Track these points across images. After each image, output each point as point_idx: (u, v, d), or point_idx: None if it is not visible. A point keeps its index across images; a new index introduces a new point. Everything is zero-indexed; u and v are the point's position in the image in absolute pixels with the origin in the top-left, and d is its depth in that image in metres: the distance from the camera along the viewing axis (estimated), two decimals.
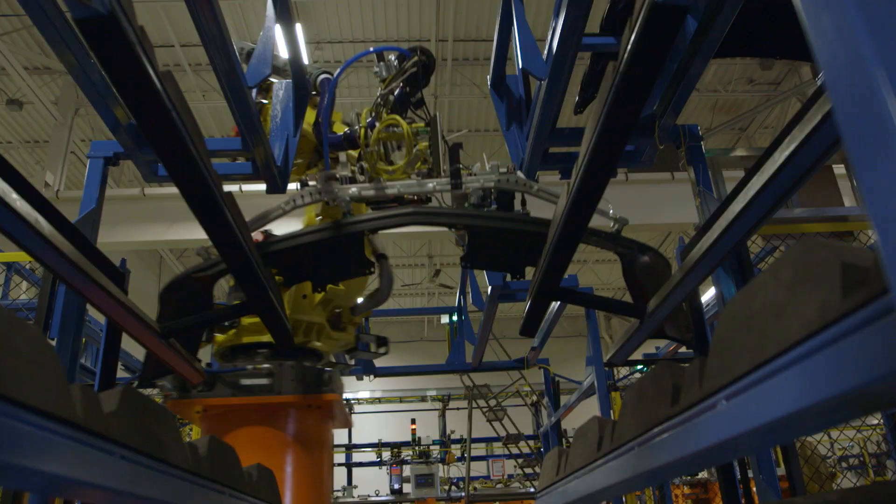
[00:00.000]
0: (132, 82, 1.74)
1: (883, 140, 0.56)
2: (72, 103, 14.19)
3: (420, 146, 3.82)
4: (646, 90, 1.88)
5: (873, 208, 0.57)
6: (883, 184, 0.56)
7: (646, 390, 1.46)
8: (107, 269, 2.80)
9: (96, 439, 1.19)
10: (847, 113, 0.60)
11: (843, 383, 0.73)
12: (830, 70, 0.62)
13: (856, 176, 0.60)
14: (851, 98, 0.59)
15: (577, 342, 21.41)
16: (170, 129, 1.85)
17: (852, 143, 0.60)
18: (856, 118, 0.59)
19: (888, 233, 0.55)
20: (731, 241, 2.31)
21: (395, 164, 3.79)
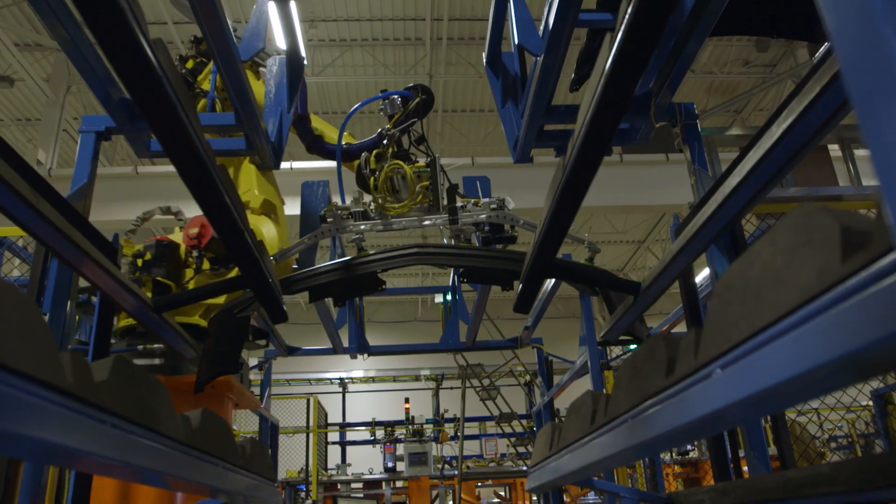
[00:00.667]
0: (123, 48, 1.72)
1: (888, 89, 0.55)
2: (63, 80, 14.07)
3: (423, 183, 4.26)
4: (642, 64, 1.86)
5: (878, 158, 0.56)
6: (887, 134, 0.55)
7: (640, 363, 1.46)
8: (99, 244, 2.78)
9: (87, 407, 1.18)
10: (852, 62, 0.59)
11: (841, 347, 0.72)
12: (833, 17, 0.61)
13: (860, 127, 0.59)
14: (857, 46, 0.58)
15: (570, 323, 21.47)
16: (162, 97, 1.83)
17: (857, 93, 0.59)
18: (861, 67, 0.58)
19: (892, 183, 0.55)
20: (727, 216, 2.31)
21: (400, 203, 4.23)
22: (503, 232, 4.26)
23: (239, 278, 3.02)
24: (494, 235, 4.26)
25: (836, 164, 5.56)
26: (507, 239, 4.37)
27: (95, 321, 3.02)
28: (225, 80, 3.25)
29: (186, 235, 4.43)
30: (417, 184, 4.23)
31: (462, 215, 4.14)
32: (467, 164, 13.64)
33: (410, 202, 4.24)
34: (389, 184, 4.30)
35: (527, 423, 12.31)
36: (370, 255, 3.95)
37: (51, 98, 13.90)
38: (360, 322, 7.78)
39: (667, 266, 2.83)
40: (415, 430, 12.37)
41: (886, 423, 7.45)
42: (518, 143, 3.89)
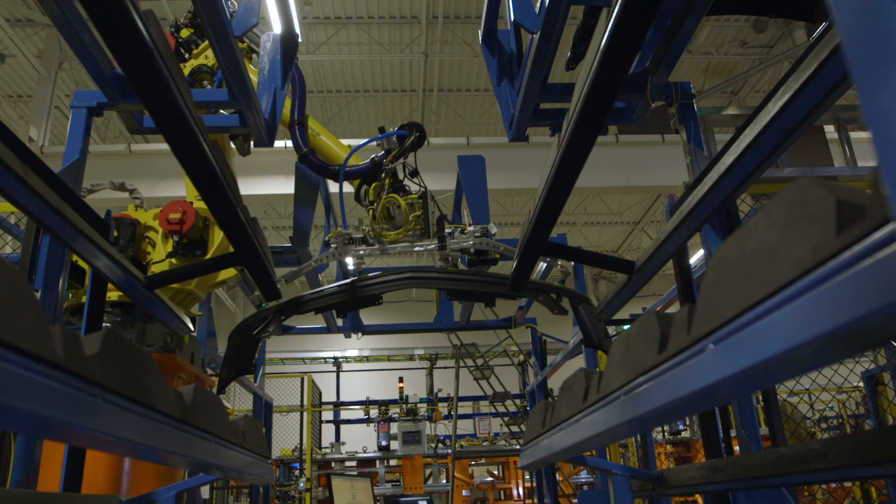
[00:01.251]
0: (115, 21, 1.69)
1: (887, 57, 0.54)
2: (55, 57, 13.94)
3: (416, 213, 4.70)
4: (638, 41, 1.84)
5: (876, 130, 0.56)
6: (886, 104, 0.54)
7: (633, 340, 1.46)
8: (91, 220, 2.76)
9: (78, 381, 1.17)
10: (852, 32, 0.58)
11: (835, 320, 0.72)
12: None
13: (859, 97, 0.58)
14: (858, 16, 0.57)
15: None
16: (154, 72, 1.81)
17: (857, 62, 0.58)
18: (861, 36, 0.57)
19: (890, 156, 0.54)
20: (722, 195, 2.30)
21: (395, 231, 4.71)
22: (487, 255, 4.71)
23: (231, 255, 3.01)
24: (479, 258, 4.74)
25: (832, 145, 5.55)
26: (491, 261, 4.80)
27: (88, 297, 3.01)
28: (218, 55, 3.22)
29: (165, 220, 4.42)
30: (411, 213, 4.68)
31: (450, 242, 4.63)
32: (462, 143, 13.60)
33: (404, 230, 4.70)
34: (386, 213, 4.74)
35: (520, 403, 12.37)
36: (371, 279, 4.48)
37: (42, 74, 13.77)
38: None
39: (661, 245, 2.83)
40: (409, 410, 12.42)
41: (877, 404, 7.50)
42: (513, 122, 3.87)
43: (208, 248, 4.57)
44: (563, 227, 21.01)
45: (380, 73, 16.62)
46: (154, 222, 4.69)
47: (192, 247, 4.54)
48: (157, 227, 4.66)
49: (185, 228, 4.40)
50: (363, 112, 17.94)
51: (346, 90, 17.08)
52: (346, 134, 17.28)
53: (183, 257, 4.50)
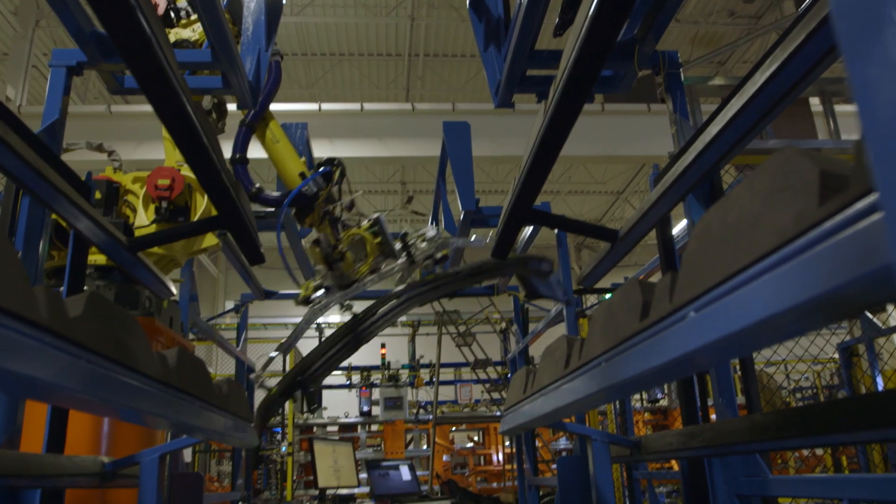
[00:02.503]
0: None
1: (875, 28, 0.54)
2: (32, 14, 13.63)
3: (376, 240, 4.89)
4: (626, 8, 1.83)
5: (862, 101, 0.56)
6: (873, 74, 0.54)
7: (615, 307, 1.48)
8: (73, 181, 2.73)
9: (61, 342, 1.17)
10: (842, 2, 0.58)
11: (814, 289, 0.73)
12: None
13: (847, 70, 0.59)
14: None
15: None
16: (136, 29, 1.78)
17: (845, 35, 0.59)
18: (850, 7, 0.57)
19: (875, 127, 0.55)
20: (706, 164, 2.31)
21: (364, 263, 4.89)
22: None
23: (215, 218, 2.99)
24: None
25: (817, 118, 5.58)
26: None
27: (69, 258, 2.99)
28: (201, 14, 3.16)
29: (153, 185, 4.37)
30: (374, 241, 4.88)
31: (416, 254, 4.98)
32: (448, 109, 13.51)
33: (371, 260, 4.90)
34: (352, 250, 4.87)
35: (501, 370, 12.49)
36: (372, 316, 4.71)
37: (19, 32, 13.48)
38: None
39: (644, 214, 2.84)
40: (391, 376, 12.50)
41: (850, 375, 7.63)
42: (500, 88, 3.84)
43: (191, 215, 4.54)
44: (547, 195, 21.02)
45: (365, 36, 16.42)
46: (134, 186, 4.64)
47: (176, 213, 4.50)
48: (137, 190, 4.61)
49: (174, 195, 4.37)
50: (348, 76, 17.75)
51: (331, 53, 16.87)
52: (331, 98, 17.12)
53: (167, 223, 4.47)
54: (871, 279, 0.64)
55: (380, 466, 7.86)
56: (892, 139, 0.54)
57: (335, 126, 13.34)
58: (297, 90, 17.57)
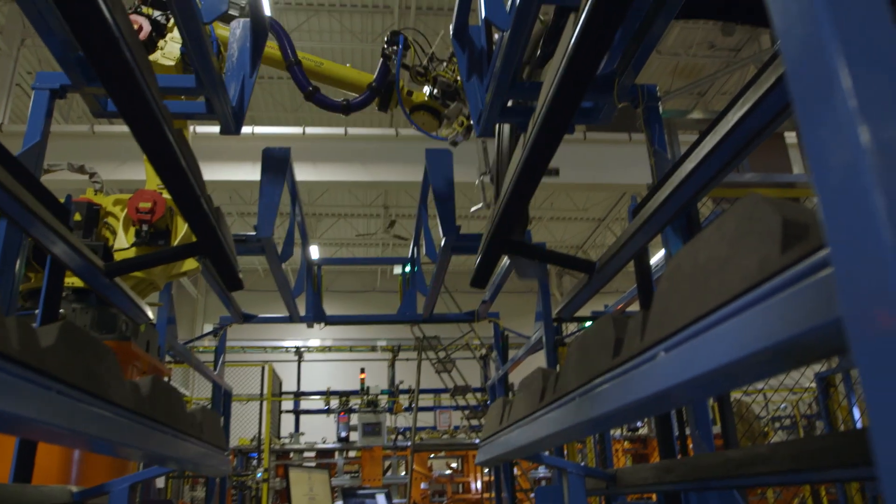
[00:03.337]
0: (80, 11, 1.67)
1: (828, 93, 0.56)
2: (18, 33, 13.59)
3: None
4: (605, 44, 1.87)
5: (814, 161, 0.58)
6: (824, 136, 0.56)
7: (589, 342, 1.49)
8: (51, 205, 2.72)
9: (32, 373, 1.16)
10: (796, 68, 0.61)
11: (778, 335, 0.75)
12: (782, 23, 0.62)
13: (800, 130, 0.61)
14: (801, 53, 0.60)
15: (527, 298, 21.57)
16: (119, 62, 1.79)
17: (799, 97, 0.61)
18: (804, 73, 0.59)
19: (827, 187, 0.56)
20: (682, 200, 2.34)
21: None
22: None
23: (194, 245, 2.98)
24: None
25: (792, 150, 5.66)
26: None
27: (45, 283, 2.96)
28: (186, 42, 3.18)
29: (134, 208, 4.35)
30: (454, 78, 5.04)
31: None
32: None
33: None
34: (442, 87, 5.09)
35: (481, 397, 12.44)
36: None
37: (4, 50, 13.43)
38: (318, 291, 7.76)
39: (622, 246, 2.87)
40: (369, 401, 12.42)
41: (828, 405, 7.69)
42: (482, 118, 3.88)
43: (172, 238, 4.52)
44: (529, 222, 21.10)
45: (350, 61, 16.47)
46: (114, 208, 4.62)
47: (156, 236, 4.48)
48: (118, 213, 4.58)
49: (155, 218, 4.35)
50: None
51: None
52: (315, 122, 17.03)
53: (147, 246, 4.44)
54: (826, 330, 0.65)
55: (356, 495, 7.79)
56: (842, 201, 0.55)
57: (319, 150, 13.37)
58: (283, 113, 17.61)
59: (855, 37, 0.57)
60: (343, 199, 20.83)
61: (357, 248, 23.70)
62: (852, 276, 0.58)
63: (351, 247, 23.56)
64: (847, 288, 0.59)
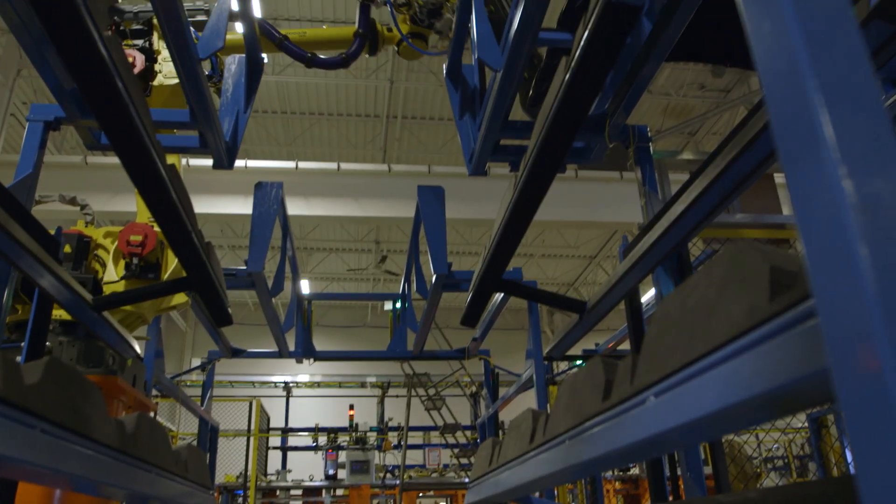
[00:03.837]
0: (75, 46, 1.68)
1: (812, 149, 0.57)
2: (14, 64, 13.65)
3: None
4: (596, 86, 1.89)
5: (800, 213, 0.59)
6: (810, 191, 0.57)
7: (579, 384, 1.48)
8: (40, 237, 2.71)
9: (16, 411, 1.15)
10: (781, 119, 0.62)
11: (766, 383, 0.75)
12: (767, 76, 0.63)
13: (787, 183, 0.61)
14: (786, 106, 0.61)
15: (518, 335, 21.61)
16: (113, 96, 1.80)
17: (784, 151, 0.61)
18: (788, 125, 0.60)
19: (813, 238, 0.57)
20: (673, 240, 2.35)
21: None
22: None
23: (184, 280, 2.97)
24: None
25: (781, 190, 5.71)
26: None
27: (32, 316, 2.93)
28: (182, 77, 3.20)
29: (125, 241, 4.35)
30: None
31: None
32: (423, 171, 13.67)
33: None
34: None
35: (471, 435, 12.33)
36: None
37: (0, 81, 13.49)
38: (308, 327, 7.72)
39: (613, 286, 2.87)
40: (358, 438, 12.29)
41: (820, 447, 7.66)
42: (474, 157, 3.91)
43: (162, 272, 4.50)
44: (520, 258, 21.17)
45: (345, 97, 16.65)
46: (105, 240, 4.61)
47: (146, 269, 4.47)
48: (108, 245, 4.57)
49: (146, 252, 4.34)
50: (326, 135, 17.91)
51: (311, 112, 17.05)
52: (309, 156, 17.25)
53: (137, 280, 4.42)
54: (814, 380, 0.65)
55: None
56: (827, 253, 0.56)
57: (312, 184, 13.42)
58: (276, 147, 17.70)
59: (839, 92, 0.58)
60: (334, 234, 20.85)
61: (348, 282, 23.66)
62: (837, 327, 0.58)
63: (342, 281, 23.52)
64: (833, 339, 0.59)
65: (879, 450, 0.55)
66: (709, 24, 3.53)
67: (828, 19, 0.64)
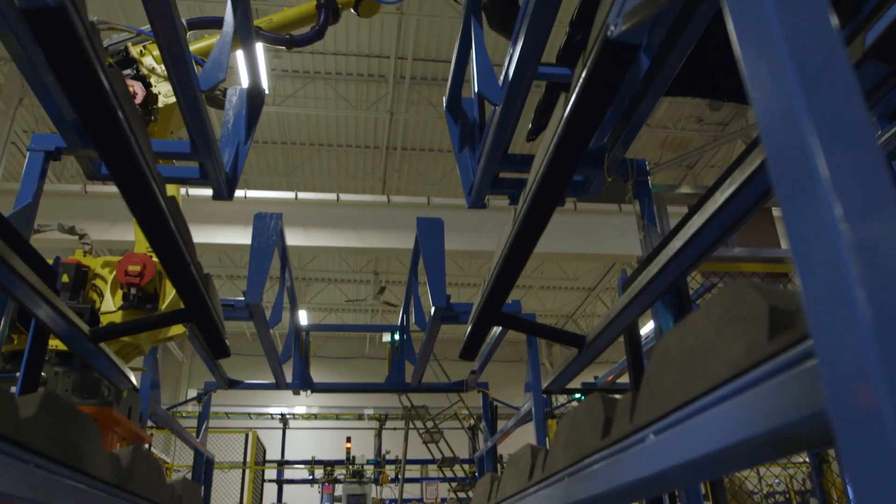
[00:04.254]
0: (78, 78, 1.70)
1: (810, 192, 0.57)
2: (16, 93, 13.76)
3: None
4: (595, 123, 1.91)
5: (798, 256, 0.59)
6: (808, 234, 0.57)
7: (578, 421, 1.47)
8: (38, 267, 2.71)
9: (9, 445, 1.14)
10: (777, 161, 0.62)
11: (765, 424, 0.74)
12: (764, 119, 0.64)
13: (784, 225, 0.62)
14: (782, 148, 0.61)
15: (517, 367, 21.50)
16: (115, 128, 1.81)
17: (782, 194, 0.62)
18: (786, 168, 0.61)
19: (811, 281, 0.57)
20: (671, 275, 2.35)
21: None
22: None
23: (182, 311, 2.97)
24: None
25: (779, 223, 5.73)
26: None
27: (28, 348, 2.92)
28: (183, 109, 3.22)
29: (123, 271, 4.35)
30: None
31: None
32: (423, 203, 13.71)
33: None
34: None
35: (469, 468, 12.21)
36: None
37: (1, 109, 13.58)
38: (306, 358, 7.69)
39: (612, 320, 2.87)
40: (355, 471, 12.17)
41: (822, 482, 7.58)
42: (473, 189, 3.92)
43: (160, 303, 4.50)
44: (519, 290, 21.14)
45: (344, 128, 16.76)
46: (103, 270, 4.61)
47: (144, 300, 4.46)
48: (106, 275, 4.57)
49: (144, 282, 4.34)
50: (326, 166, 18.00)
51: (311, 143, 17.15)
52: (308, 186, 17.32)
53: (135, 310, 4.42)
54: (814, 422, 0.65)
55: None
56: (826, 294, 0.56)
57: (311, 215, 13.45)
58: (276, 177, 17.77)
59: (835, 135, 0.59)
60: (333, 265, 20.84)
61: (346, 313, 23.59)
62: (836, 368, 0.58)
63: (340, 312, 23.46)
64: (832, 380, 0.59)
65: (880, 494, 0.55)
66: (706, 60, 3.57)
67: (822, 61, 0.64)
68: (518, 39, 2.95)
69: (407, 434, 11.06)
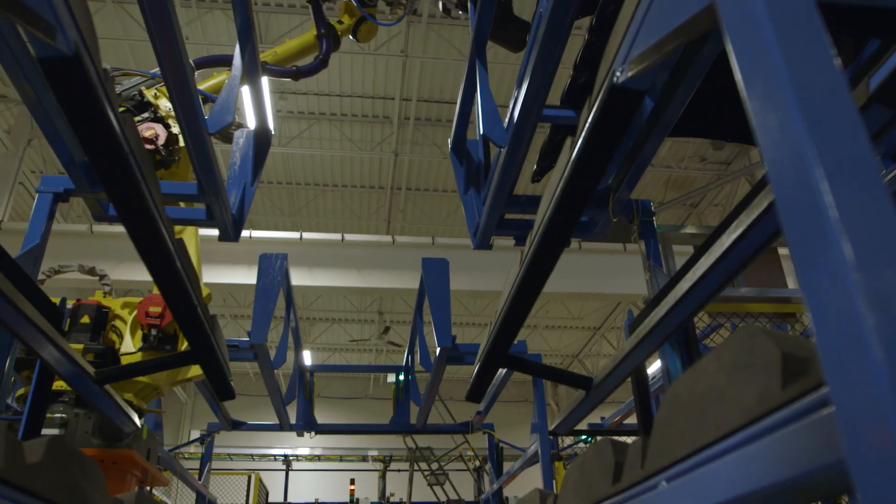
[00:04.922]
0: (91, 124, 1.72)
1: (821, 240, 0.58)
2: (25, 134, 13.93)
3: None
4: (602, 166, 1.92)
5: (812, 305, 0.59)
6: (821, 282, 0.57)
7: (588, 466, 1.45)
8: (44, 308, 2.71)
9: (14, 491, 1.13)
10: (788, 210, 0.62)
11: (779, 473, 0.73)
12: (774, 168, 0.65)
13: (796, 273, 0.62)
14: (793, 197, 0.62)
15: (523, 407, 21.33)
16: (125, 173, 1.83)
17: (793, 241, 0.62)
18: (796, 216, 0.61)
19: (826, 330, 0.57)
20: (678, 318, 2.35)
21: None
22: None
23: (188, 353, 2.96)
24: None
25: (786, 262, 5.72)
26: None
27: (32, 389, 2.91)
28: (191, 151, 3.25)
29: (144, 313, 4.37)
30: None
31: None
32: (427, 243, 13.73)
33: None
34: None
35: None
36: None
37: (10, 149, 13.73)
38: (310, 399, 7.64)
39: (620, 363, 2.85)
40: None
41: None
42: (479, 231, 3.93)
43: (178, 344, 4.51)
44: (524, 330, 20.90)
45: (349, 168, 16.88)
46: (122, 311, 4.63)
47: (163, 341, 4.47)
48: (126, 316, 4.58)
49: (164, 323, 4.36)
50: (330, 206, 18.09)
51: (315, 183, 17.27)
52: (313, 226, 17.39)
53: (154, 351, 4.42)
54: (830, 471, 0.64)
55: None
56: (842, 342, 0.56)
57: (316, 255, 13.47)
58: (280, 217, 17.85)
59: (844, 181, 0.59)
60: (338, 305, 20.82)
61: (350, 353, 23.49)
62: (853, 417, 0.58)
63: (344, 352, 23.37)
64: (849, 430, 0.58)
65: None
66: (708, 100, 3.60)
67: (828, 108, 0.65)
68: (523, 81, 2.99)
69: (412, 476, 10.94)
